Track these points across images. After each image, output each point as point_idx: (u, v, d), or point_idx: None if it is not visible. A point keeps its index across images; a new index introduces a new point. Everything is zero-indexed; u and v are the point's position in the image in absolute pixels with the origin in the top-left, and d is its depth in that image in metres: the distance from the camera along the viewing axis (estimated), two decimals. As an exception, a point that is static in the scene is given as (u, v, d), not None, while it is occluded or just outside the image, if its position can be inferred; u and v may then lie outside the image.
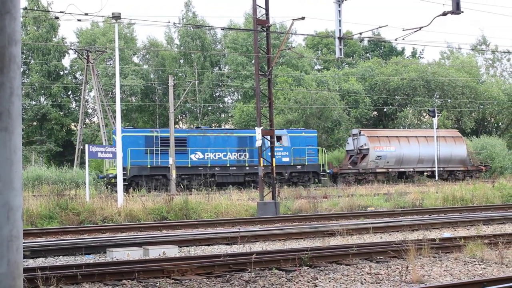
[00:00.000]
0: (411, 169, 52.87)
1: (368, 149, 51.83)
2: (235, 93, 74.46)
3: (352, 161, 52.88)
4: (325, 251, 15.99)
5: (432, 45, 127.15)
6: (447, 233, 20.98)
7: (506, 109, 74.95)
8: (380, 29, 30.30)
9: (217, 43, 77.38)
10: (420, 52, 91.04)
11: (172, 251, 16.96)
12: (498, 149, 60.97)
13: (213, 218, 26.89)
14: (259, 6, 29.42)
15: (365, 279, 13.34)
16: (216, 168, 46.03)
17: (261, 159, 30.09)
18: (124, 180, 41.19)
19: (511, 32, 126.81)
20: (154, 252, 16.65)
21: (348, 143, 54.61)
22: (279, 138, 47.19)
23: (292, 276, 13.60)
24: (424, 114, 70.24)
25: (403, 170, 52.49)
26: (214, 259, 14.83)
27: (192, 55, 71.21)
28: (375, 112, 72.43)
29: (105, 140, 53.34)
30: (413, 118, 71.34)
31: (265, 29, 29.99)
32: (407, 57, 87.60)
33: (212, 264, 14.27)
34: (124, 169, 41.35)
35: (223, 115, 74.85)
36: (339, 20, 28.54)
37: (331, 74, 71.09)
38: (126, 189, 39.94)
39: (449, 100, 71.27)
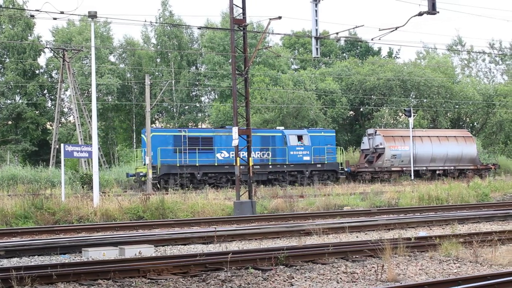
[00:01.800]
0: (424, 168, 54.42)
1: (383, 148, 53.44)
2: (212, 92, 74.37)
3: (367, 160, 54.34)
4: (301, 250, 16.02)
5: (408, 45, 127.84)
6: (422, 232, 21.09)
7: (481, 109, 75.46)
8: (357, 29, 30.47)
9: (194, 42, 77.25)
10: (396, 52, 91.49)
11: (148, 251, 16.90)
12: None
13: (189, 218, 26.84)
14: (236, 6, 29.41)
15: (341, 278, 13.39)
16: (241, 167, 45.92)
17: (238, 158, 30.08)
18: (155, 178, 43.20)
19: (486, 32, 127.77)
20: (130, 252, 16.59)
21: (363, 143, 56.14)
22: (300, 138, 49.48)
23: (268, 275, 13.61)
24: (400, 114, 70.48)
25: (416, 168, 53.93)
26: (190, 259, 14.81)
27: (169, 54, 71.04)
28: (351, 112, 72.60)
29: (81, 139, 53.07)
30: (389, 117, 71.60)
31: (242, 28, 29.98)
32: (384, 57, 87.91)
33: (188, 263, 14.25)
34: (154, 167, 43.59)
35: (200, 115, 74.70)
36: (316, 20, 28.60)
37: (308, 73, 71.14)
38: (156, 186, 40.94)
39: (425, 100, 71.61)
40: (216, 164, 46.80)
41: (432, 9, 24.97)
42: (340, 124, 67.96)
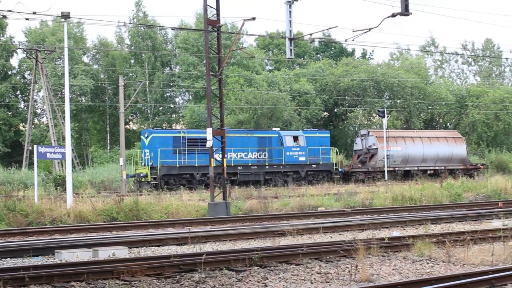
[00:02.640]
0: (416, 168, 55.32)
1: (376, 149, 54.17)
2: (186, 93, 74.19)
3: (360, 161, 55.15)
4: (275, 251, 16.04)
5: (382, 46, 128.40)
6: (396, 232, 21.20)
7: (454, 110, 76.03)
8: (331, 30, 30.48)
9: (168, 43, 77.07)
10: (370, 53, 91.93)
11: (122, 252, 16.85)
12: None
13: (163, 219, 26.77)
14: (210, 6, 29.38)
15: (315, 279, 13.42)
16: (239, 168, 47.67)
17: (212, 159, 30.04)
18: (155, 179, 43.70)
19: (459, 34, 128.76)
20: (104, 253, 16.53)
21: (356, 143, 56.94)
22: (296, 139, 50.16)
23: (242, 276, 13.62)
24: (374, 115, 70.78)
25: (408, 168, 54.98)
26: (164, 260, 14.79)
27: (143, 55, 70.81)
28: (325, 113, 72.82)
29: (54, 140, 52.73)
30: (363, 118, 71.89)
31: (216, 29, 29.96)
32: (357, 58, 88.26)
33: (162, 264, 14.22)
34: (154, 168, 44.09)
35: (174, 116, 74.52)
36: (290, 21, 28.64)
37: (282, 74, 71.25)
38: (155, 187, 42.40)
39: (399, 100, 72.00)
40: (215, 165, 46.52)
41: (405, 11, 25.09)
42: (314, 125, 68.09)
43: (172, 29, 66.25)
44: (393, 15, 25.56)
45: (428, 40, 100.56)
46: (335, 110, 72.01)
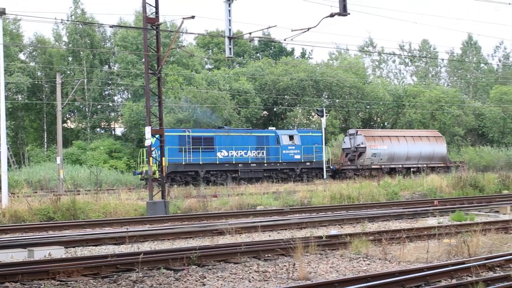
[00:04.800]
0: (400, 165, 57.56)
1: (365, 147, 56.34)
2: (125, 91, 73.54)
3: (349, 159, 57.29)
4: (213, 250, 16.04)
5: (321, 46, 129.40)
6: (333, 231, 21.39)
7: (391, 109, 77.03)
8: (270, 29, 30.58)
9: (107, 41, 76.22)
10: (309, 53, 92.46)
11: (58, 252, 16.64)
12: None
13: (101, 218, 26.53)
14: (149, 4, 29.20)
15: (253, 277, 13.45)
16: (240, 165, 50.11)
17: (151, 158, 29.84)
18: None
19: (396, 34, 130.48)
20: (40, 254, 16.30)
21: (344, 142, 58.88)
22: (291, 137, 52.81)
23: (180, 276, 13.58)
24: (313, 114, 71.23)
25: (393, 166, 57.26)
26: (101, 260, 14.66)
27: (81, 52, 69.90)
28: (265, 112, 73.01)
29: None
30: (302, 117, 72.30)
31: (155, 27, 29.80)
32: (297, 57, 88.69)
33: (99, 264, 14.10)
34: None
35: (112, 114, 73.79)
36: (229, 20, 28.65)
37: (222, 73, 71.17)
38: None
39: (337, 100, 72.63)
40: (217, 162, 49.42)
41: (343, 11, 25.31)
42: (254, 124, 68.23)
43: (110, 27, 65.42)
44: (332, 15, 25.76)
45: (366, 40, 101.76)
46: (275, 109, 72.25)
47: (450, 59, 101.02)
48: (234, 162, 49.71)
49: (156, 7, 29.25)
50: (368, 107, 76.04)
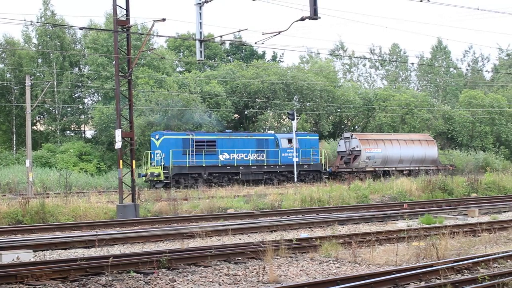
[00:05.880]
0: (393, 168, 58.43)
1: (360, 150, 57.48)
2: (96, 94, 73.11)
3: (344, 162, 58.28)
4: (183, 253, 16.02)
5: (292, 50, 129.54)
6: (304, 234, 21.44)
7: (361, 113, 77.39)
8: (241, 32, 30.70)
9: (77, 43, 75.77)
10: (280, 56, 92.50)
11: (27, 256, 16.51)
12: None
13: (71, 222, 26.36)
14: (120, 7, 29.09)
15: (223, 280, 13.46)
16: (241, 167, 51.44)
17: (121, 161, 29.65)
18: (167, 178, 47.14)
19: (367, 38, 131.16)
20: (7, 257, 16.15)
21: (339, 145, 59.98)
22: (290, 141, 53.95)
23: (150, 279, 13.55)
24: (284, 117, 71.32)
25: (387, 169, 58.08)
26: (70, 263, 14.58)
27: (51, 54, 69.38)
28: (236, 115, 72.98)
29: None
30: (273, 121, 72.35)
31: (125, 30, 29.68)
32: (268, 61, 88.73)
33: (68, 268, 14.01)
34: (166, 168, 47.24)
35: (83, 117, 73.31)
36: (200, 23, 28.63)
37: (193, 76, 71.00)
38: (165, 185, 46.12)
39: (308, 103, 72.79)
40: (219, 165, 50.58)
41: (314, 15, 25.37)
42: (226, 127, 68.16)
43: (80, 29, 65.27)
44: (302, 19, 25.82)
45: (337, 44, 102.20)
46: (246, 112, 72.23)
47: (420, 63, 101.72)
48: (235, 165, 51.04)
49: (127, 9, 29.15)
50: (339, 110, 76.30)
